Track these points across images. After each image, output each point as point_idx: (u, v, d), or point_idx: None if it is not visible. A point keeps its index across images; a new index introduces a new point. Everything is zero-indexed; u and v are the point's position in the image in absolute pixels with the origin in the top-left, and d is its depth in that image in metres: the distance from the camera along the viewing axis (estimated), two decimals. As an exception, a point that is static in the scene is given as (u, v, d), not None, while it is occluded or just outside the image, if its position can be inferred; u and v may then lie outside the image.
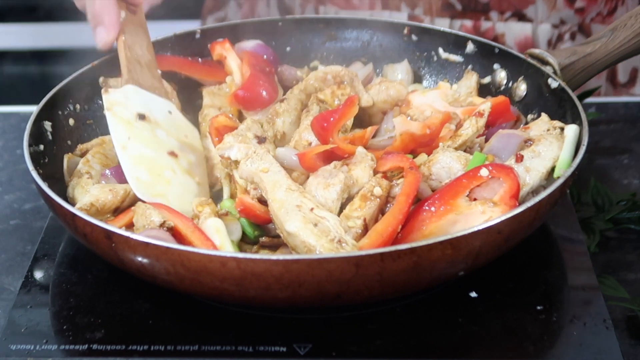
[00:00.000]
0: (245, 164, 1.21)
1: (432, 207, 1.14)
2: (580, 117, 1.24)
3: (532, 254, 1.23)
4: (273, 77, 1.46)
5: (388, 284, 1.04)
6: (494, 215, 1.10)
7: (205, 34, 1.53)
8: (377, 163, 1.22)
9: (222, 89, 1.47)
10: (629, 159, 1.51)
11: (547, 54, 1.36)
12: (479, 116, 1.28)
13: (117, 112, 1.30)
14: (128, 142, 1.27)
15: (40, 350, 1.10)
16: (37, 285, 1.21)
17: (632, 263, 1.27)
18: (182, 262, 1.03)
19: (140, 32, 1.40)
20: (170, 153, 1.30)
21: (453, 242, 1.03)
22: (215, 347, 1.09)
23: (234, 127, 1.29)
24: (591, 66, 1.35)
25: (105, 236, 1.08)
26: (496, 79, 1.44)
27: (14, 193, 1.45)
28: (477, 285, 1.17)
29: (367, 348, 1.09)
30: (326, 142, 1.24)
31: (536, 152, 1.21)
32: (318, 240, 1.09)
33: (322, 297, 1.05)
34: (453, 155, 1.21)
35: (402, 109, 1.36)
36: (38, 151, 1.27)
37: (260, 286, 1.03)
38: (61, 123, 1.35)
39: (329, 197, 1.17)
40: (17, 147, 1.57)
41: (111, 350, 1.09)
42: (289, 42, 1.57)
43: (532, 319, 1.12)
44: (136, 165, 1.25)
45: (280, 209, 1.14)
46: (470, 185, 1.15)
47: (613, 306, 1.16)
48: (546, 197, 1.09)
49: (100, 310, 1.15)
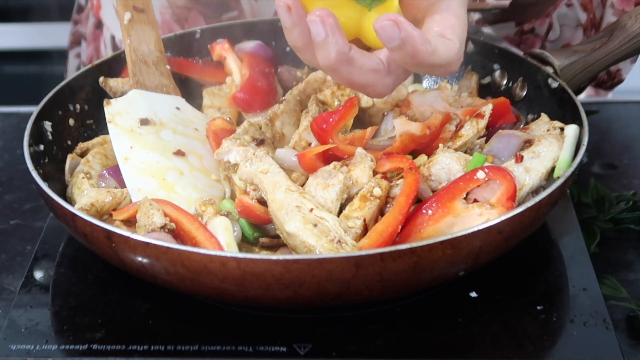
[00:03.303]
0: (244, 166, 1.21)
1: (429, 210, 1.14)
2: (580, 117, 1.24)
3: (532, 254, 1.23)
4: (273, 77, 1.46)
5: (388, 284, 1.04)
6: (491, 217, 1.10)
7: (205, 34, 1.53)
8: (376, 164, 1.22)
9: (222, 89, 1.47)
10: (629, 159, 1.51)
11: (547, 54, 1.36)
12: (479, 118, 1.28)
13: (118, 122, 1.30)
14: (130, 152, 1.27)
15: (40, 350, 1.10)
16: (37, 285, 1.21)
17: (632, 263, 1.27)
18: (182, 262, 1.03)
19: (147, 29, 1.40)
20: (177, 152, 1.30)
21: (453, 242, 1.03)
22: (215, 347, 1.09)
23: (231, 130, 1.30)
24: (591, 66, 1.35)
25: (105, 236, 1.08)
26: (496, 79, 1.44)
27: (14, 193, 1.45)
28: (477, 285, 1.17)
29: (367, 348, 1.09)
30: (326, 143, 1.24)
31: (536, 153, 1.21)
32: (318, 241, 1.09)
33: (322, 297, 1.05)
34: (453, 156, 1.21)
35: (402, 110, 1.36)
36: (38, 151, 1.27)
37: (261, 286, 1.03)
38: (61, 123, 1.35)
39: (329, 198, 1.17)
40: (17, 147, 1.57)
41: (111, 350, 1.09)
42: (289, 42, 1.56)
43: (532, 319, 1.13)
44: (138, 176, 1.25)
45: (279, 209, 1.14)
46: (467, 188, 1.15)
47: (613, 306, 1.16)
48: (546, 197, 1.09)
49: (100, 310, 1.15)
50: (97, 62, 1.43)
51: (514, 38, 1.61)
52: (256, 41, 1.52)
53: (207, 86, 1.48)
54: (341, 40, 1.05)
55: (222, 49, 1.50)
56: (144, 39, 1.39)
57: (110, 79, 1.41)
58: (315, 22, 1.04)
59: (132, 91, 1.35)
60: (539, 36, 1.60)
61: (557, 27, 1.58)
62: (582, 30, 1.59)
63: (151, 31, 1.41)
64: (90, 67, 1.42)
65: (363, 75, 1.09)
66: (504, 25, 1.60)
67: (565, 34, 1.60)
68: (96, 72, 1.42)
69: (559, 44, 1.60)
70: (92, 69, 1.42)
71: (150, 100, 1.35)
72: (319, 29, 1.05)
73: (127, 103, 1.33)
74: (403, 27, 1.01)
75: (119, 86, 1.40)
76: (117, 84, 1.40)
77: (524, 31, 1.59)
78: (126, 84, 1.39)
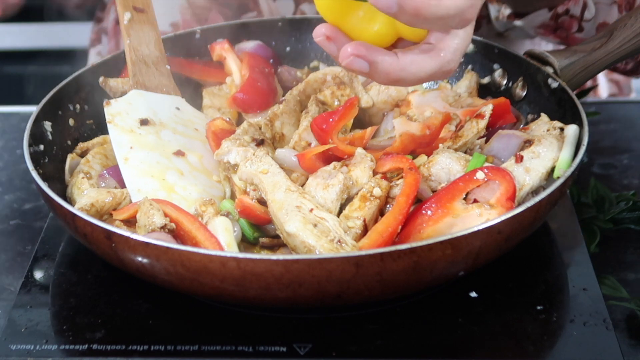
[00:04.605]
0: (244, 166, 1.21)
1: (429, 211, 1.14)
2: (580, 117, 1.24)
3: (532, 254, 1.23)
4: (273, 78, 1.46)
5: (388, 284, 1.04)
6: (490, 217, 1.10)
7: (205, 34, 1.53)
8: (376, 164, 1.22)
9: (222, 89, 1.47)
10: (629, 159, 1.51)
11: (547, 54, 1.36)
12: (479, 118, 1.28)
13: (118, 122, 1.30)
14: (130, 153, 1.27)
15: (40, 350, 1.10)
16: (37, 285, 1.21)
17: (632, 263, 1.27)
18: (182, 262, 1.03)
19: (147, 29, 1.40)
20: (177, 153, 1.30)
21: (453, 242, 1.03)
22: (215, 347, 1.09)
23: (231, 131, 1.30)
24: (591, 66, 1.35)
25: (105, 236, 1.08)
26: (496, 79, 1.44)
27: (14, 193, 1.45)
28: (477, 285, 1.17)
29: (367, 348, 1.09)
30: (325, 143, 1.24)
31: (536, 153, 1.21)
32: (318, 241, 1.09)
33: (322, 297, 1.05)
34: (453, 156, 1.21)
35: (402, 110, 1.36)
36: (38, 151, 1.27)
37: (260, 286, 1.03)
38: (61, 123, 1.35)
39: (329, 198, 1.17)
40: (17, 147, 1.57)
41: (111, 350, 1.09)
42: (289, 42, 1.56)
43: (532, 319, 1.13)
44: (138, 176, 1.25)
45: (279, 209, 1.14)
46: (467, 189, 1.15)
47: (613, 306, 1.16)
48: (546, 197, 1.09)
49: (100, 310, 1.15)
50: (97, 62, 1.43)
51: (550, 24, 1.59)
52: (256, 41, 1.52)
53: (207, 86, 1.48)
54: (384, 57, 1.04)
55: (222, 49, 1.50)
56: (144, 39, 1.39)
57: (110, 79, 1.41)
58: (353, 60, 1.03)
59: (132, 91, 1.35)
60: (574, 17, 1.58)
61: (591, 6, 1.56)
62: (617, 7, 1.56)
63: (151, 31, 1.41)
64: (90, 67, 1.42)
65: (425, 66, 1.06)
66: (537, 14, 1.59)
67: (600, 13, 1.57)
68: (96, 72, 1.42)
69: (596, 23, 1.58)
70: (92, 69, 1.42)
71: (150, 101, 1.35)
72: (361, 64, 1.04)
73: (127, 103, 1.33)
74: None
75: (119, 86, 1.40)
76: (117, 84, 1.40)
77: (559, 14, 1.58)
78: (126, 84, 1.39)
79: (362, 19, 1.06)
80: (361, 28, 1.06)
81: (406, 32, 1.07)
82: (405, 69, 1.05)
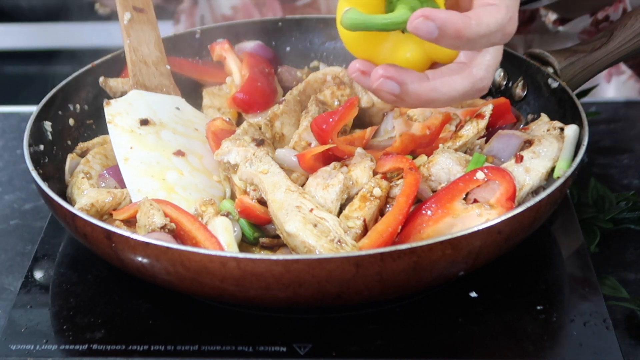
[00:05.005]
0: (244, 166, 1.21)
1: (428, 211, 1.14)
2: (580, 117, 1.24)
3: (532, 254, 1.23)
4: (273, 78, 1.46)
5: (388, 284, 1.04)
6: (490, 217, 1.10)
7: (205, 34, 1.53)
8: (376, 164, 1.22)
9: (222, 89, 1.47)
10: (629, 159, 1.51)
11: (547, 54, 1.36)
12: (480, 118, 1.28)
13: (118, 122, 1.30)
14: (130, 153, 1.27)
15: (40, 350, 1.10)
16: (37, 285, 1.21)
17: (632, 263, 1.27)
18: (182, 262, 1.03)
19: (147, 29, 1.40)
20: (177, 153, 1.30)
21: (453, 242, 1.03)
22: (215, 347, 1.09)
23: (231, 131, 1.30)
24: (591, 66, 1.35)
25: (105, 236, 1.08)
26: (496, 79, 1.44)
27: (14, 193, 1.45)
28: (477, 285, 1.17)
29: (367, 348, 1.09)
30: (325, 143, 1.24)
31: (536, 153, 1.21)
32: (318, 241, 1.09)
33: (322, 297, 1.05)
34: (453, 156, 1.21)
35: (402, 110, 1.35)
36: (38, 151, 1.27)
37: (260, 286, 1.03)
38: (61, 123, 1.35)
39: (329, 198, 1.17)
40: (17, 147, 1.57)
41: (111, 350, 1.09)
42: (289, 42, 1.57)
43: (532, 319, 1.13)
44: (138, 176, 1.25)
45: (279, 209, 1.14)
46: (466, 189, 1.15)
47: (613, 306, 1.16)
48: (546, 197, 1.09)
49: (100, 310, 1.15)
50: (97, 62, 1.43)
51: (591, 30, 1.59)
52: (256, 41, 1.53)
53: (207, 86, 1.48)
54: (413, 78, 1.03)
55: (222, 49, 1.50)
56: (144, 39, 1.39)
57: (110, 79, 1.41)
58: (384, 82, 1.03)
59: (132, 91, 1.35)
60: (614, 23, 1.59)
61: None
62: None
63: (151, 31, 1.41)
64: (90, 67, 1.42)
65: (458, 85, 1.05)
66: (580, 20, 1.59)
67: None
68: (96, 72, 1.42)
69: None
70: (92, 69, 1.42)
71: (150, 101, 1.35)
72: (391, 85, 1.03)
73: (127, 103, 1.33)
74: (433, 15, 0.97)
75: (119, 86, 1.40)
76: (117, 84, 1.40)
77: (599, 20, 1.58)
78: (126, 84, 1.39)
79: (392, 49, 1.05)
80: (392, 58, 1.05)
81: (439, 54, 1.06)
82: (436, 89, 1.04)
